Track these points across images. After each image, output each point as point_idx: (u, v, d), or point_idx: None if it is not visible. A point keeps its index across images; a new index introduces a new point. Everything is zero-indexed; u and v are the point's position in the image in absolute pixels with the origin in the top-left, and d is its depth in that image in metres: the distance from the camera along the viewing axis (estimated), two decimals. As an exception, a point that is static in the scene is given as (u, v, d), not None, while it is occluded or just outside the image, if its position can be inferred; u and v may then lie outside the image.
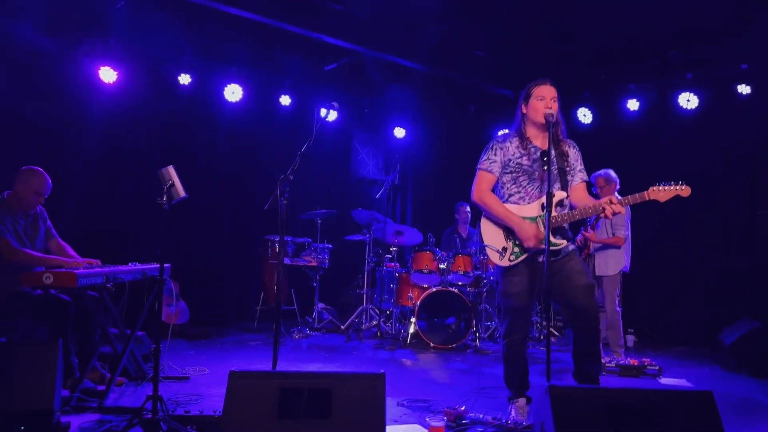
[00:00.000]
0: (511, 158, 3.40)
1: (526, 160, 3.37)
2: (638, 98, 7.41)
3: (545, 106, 3.31)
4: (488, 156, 3.47)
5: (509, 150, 3.42)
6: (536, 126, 3.40)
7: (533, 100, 3.38)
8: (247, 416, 2.41)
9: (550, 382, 2.79)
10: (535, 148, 3.40)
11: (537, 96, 3.36)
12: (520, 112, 3.46)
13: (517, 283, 3.31)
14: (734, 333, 5.72)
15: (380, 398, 2.50)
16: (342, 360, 5.35)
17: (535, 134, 3.43)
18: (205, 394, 3.91)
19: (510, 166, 3.40)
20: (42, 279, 3.29)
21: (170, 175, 3.26)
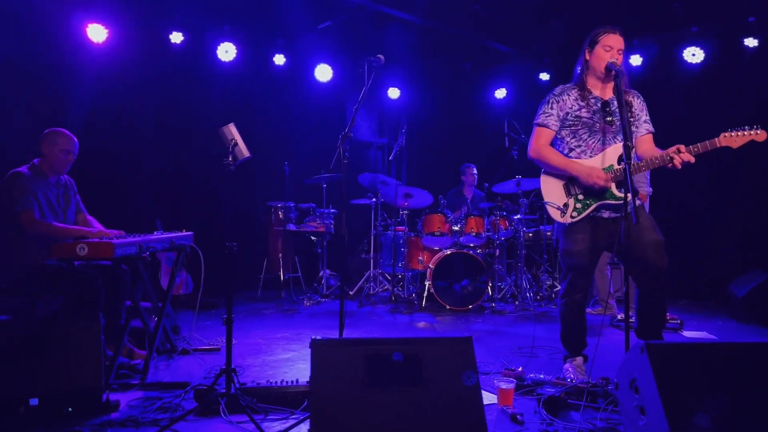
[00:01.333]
0: (570, 111, 3.26)
1: (585, 112, 3.23)
2: (641, 53, 7.33)
3: (611, 56, 3.17)
4: (544, 110, 3.32)
5: (567, 102, 3.27)
6: (598, 76, 3.26)
7: (599, 48, 3.22)
8: (335, 385, 2.26)
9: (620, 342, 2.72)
10: (595, 98, 3.26)
11: (604, 45, 3.21)
12: (583, 59, 3.30)
13: (579, 241, 3.20)
14: (746, 285, 5.80)
15: (471, 362, 2.38)
16: (362, 325, 5.23)
17: (596, 84, 3.29)
18: (244, 365, 3.74)
19: (568, 119, 3.26)
20: (75, 250, 3.04)
21: (232, 133, 3.02)
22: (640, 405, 2.42)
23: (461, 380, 2.34)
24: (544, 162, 3.29)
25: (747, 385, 2.26)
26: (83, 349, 2.85)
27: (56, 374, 2.76)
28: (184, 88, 6.77)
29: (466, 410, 2.28)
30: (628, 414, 2.52)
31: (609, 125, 3.22)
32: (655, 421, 2.27)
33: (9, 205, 3.45)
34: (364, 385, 2.29)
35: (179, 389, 3.22)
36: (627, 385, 2.54)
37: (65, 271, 3.46)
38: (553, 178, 3.30)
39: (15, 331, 2.81)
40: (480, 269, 5.97)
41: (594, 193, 3.18)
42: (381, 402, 2.26)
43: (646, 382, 2.36)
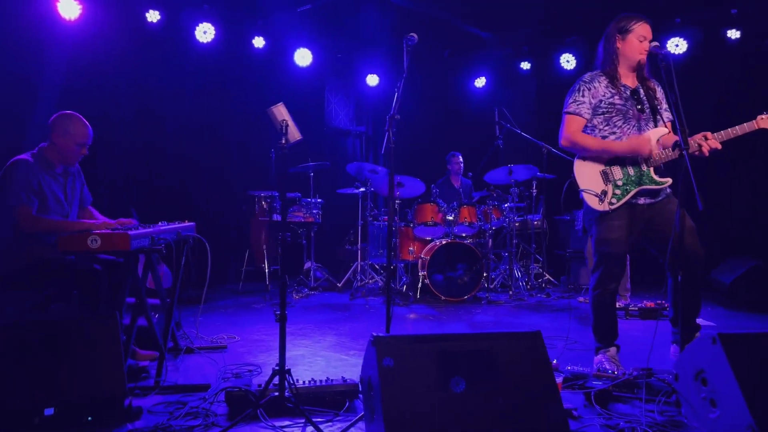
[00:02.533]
0: (602, 99, 3.17)
1: (618, 99, 3.16)
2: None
3: (645, 47, 3.10)
4: (575, 98, 3.23)
5: (599, 90, 3.19)
6: (629, 65, 3.18)
7: (633, 37, 3.14)
8: (406, 383, 2.10)
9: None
10: (624, 87, 3.19)
11: (639, 35, 3.14)
12: (614, 46, 3.21)
13: (616, 228, 3.13)
14: (732, 272, 5.93)
15: (544, 357, 2.26)
16: (363, 318, 5.05)
17: (626, 73, 3.22)
18: (259, 364, 3.51)
19: (601, 107, 3.18)
20: (87, 242, 2.75)
21: (282, 113, 2.78)
22: (710, 397, 2.36)
23: (536, 375, 2.21)
24: (581, 147, 3.20)
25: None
26: (102, 350, 2.58)
27: (73, 379, 2.48)
28: (160, 69, 6.38)
29: (544, 405, 2.16)
30: (693, 406, 2.46)
31: (641, 113, 3.16)
32: (732, 413, 2.21)
33: (7, 195, 3.11)
34: (437, 382, 2.14)
35: (200, 392, 2.98)
36: (691, 377, 2.48)
37: (66, 266, 3.16)
38: (589, 163, 3.21)
39: (25, 333, 2.51)
40: (475, 259, 5.89)
41: (633, 179, 3.12)
42: (455, 399, 2.11)
43: (720, 373, 2.29)
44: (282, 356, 2.58)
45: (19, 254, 3.16)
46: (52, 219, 3.23)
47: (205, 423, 2.55)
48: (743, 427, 2.14)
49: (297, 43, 7.54)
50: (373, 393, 2.19)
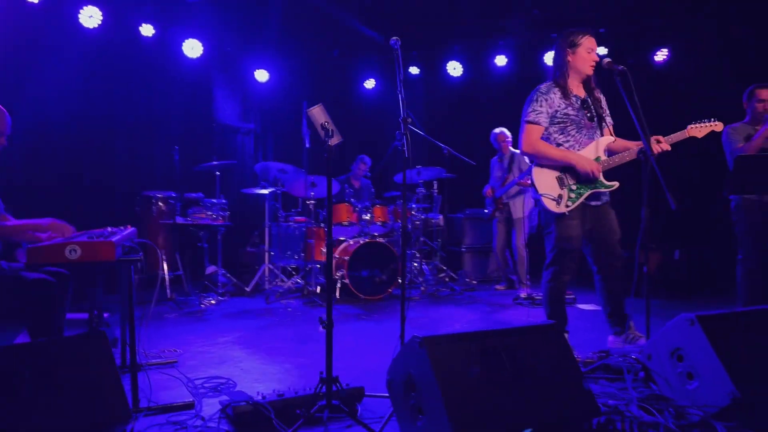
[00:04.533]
0: (558, 109, 3.46)
1: (571, 110, 3.47)
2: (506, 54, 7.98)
3: (593, 59, 3.43)
4: (533, 108, 3.48)
5: (554, 101, 3.47)
6: (579, 76, 3.50)
7: (582, 50, 3.46)
8: (458, 379, 2.16)
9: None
10: (576, 97, 3.51)
11: (587, 47, 3.46)
12: (565, 59, 3.51)
13: (573, 227, 3.44)
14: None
15: (565, 346, 2.45)
16: (297, 323, 4.95)
17: (575, 83, 3.53)
18: (225, 376, 3.32)
19: (557, 116, 3.46)
20: (65, 253, 2.41)
21: (322, 115, 2.64)
22: (687, 371, 2.71)
23: (562, 362, 2.40)
24: (541, 155, 3.45)
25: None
26: (97, 372, 2.30)
27: (71, 407, 2.18)
28: (40, 56, 5.67)
29: (573, 388, 2.34)
30: (668, 381, 2.80)
31: (590, 121, 3.50)
32: (712, 383, 2.57)
33: None
34: (482, 374, 2.23)
35: (186, 410, 2.77)
36: (666, 355, 2.82)
37: (14, 278, 2.74)
38: (546, 170, 3.48)
39: (12, 362, 2.16)
40: (391, 258, 6.03)
41: (585, 183, 3.45)
42: (500, 388, 2.22)
43: (698, 349, 2.65)
44: (329, 364, 2.49)
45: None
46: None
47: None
48: (725, 394, 2.50)
49: (186, 33, 7.12)
50: (422, 392, 2.22)
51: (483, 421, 2.12)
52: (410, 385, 2.30)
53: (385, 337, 4.32)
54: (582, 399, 2.33)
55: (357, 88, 8.93)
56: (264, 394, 2.67)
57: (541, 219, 3.61)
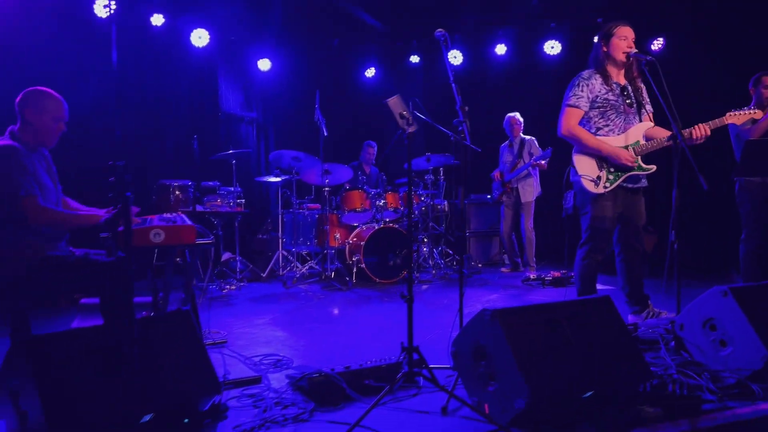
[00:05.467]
0: (598, 94, 3.66)
1: (611, 96, 3.66)
2: (506, 43, 8.17)
3: (627, 45, 3.63)
4: (575, 92, 3.67)
5: (595, 87, 3.66)
6: (616, 63, 3.70)
7: (615, 39, 3.65)
8: (529, 347, 2.36)
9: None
10: (616, 84, 3.71)
11: (620, 36, 3.65)
12: (601, 50, 3.70)
13: (609, 208, 3.65)
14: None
15: (618, 317, 2.66)
16: (321, 306, 5.11)
17: (614, 71, 3.73)
18: (278, 354, 3.47)
19: (598, 101, 3.66)
20: (149, 237, 2.54)
21: (399, 105, 2.79)
22: (720, 339, 2.96)
23: (617, 329, 2.61)
24: (578, 141, 3.66)
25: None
26: (185, 348, 2.45)
27: (165, 381, 2.32)
28: (57, 45, 5.69)
29: (626, 357, 2.56)
30: (701, 348, 3.05)
31: (629, 107, 3.71)
32: (745, 349, 2.81)
33: (8, 187, 2.72)
34: (549, 342, 2.43)
35: (254, 384, 2.92)
36: (699, 325, 3.06)
37: (80, 262, 2.86)
38: (585, 155, 3.69)
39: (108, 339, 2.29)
40: (404, 242, 6.21)
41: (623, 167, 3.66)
42: (565, 355, 2.42)
43: (731, 318, 2.89)
44: (410, 335, 2.66)
45: (23, 254, 2.79)
46: (60, 210, 2.90)
47: (300, 410, 2.54)
48: (758, 359, 2.74)
49: (195, 22, 7.16)
50: (493, 360, 2.41)
51: (553, 384, 2.32)
52: (480, 354, 2.49)
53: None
54: (636, 364, 2.55)
55: (357, 76, 9.04)
56: (332, 366, 2.83)
57: (577, 200, 3.82)
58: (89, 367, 2.19)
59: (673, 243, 3.33)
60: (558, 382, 2.34)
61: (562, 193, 7.46)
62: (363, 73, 8.99)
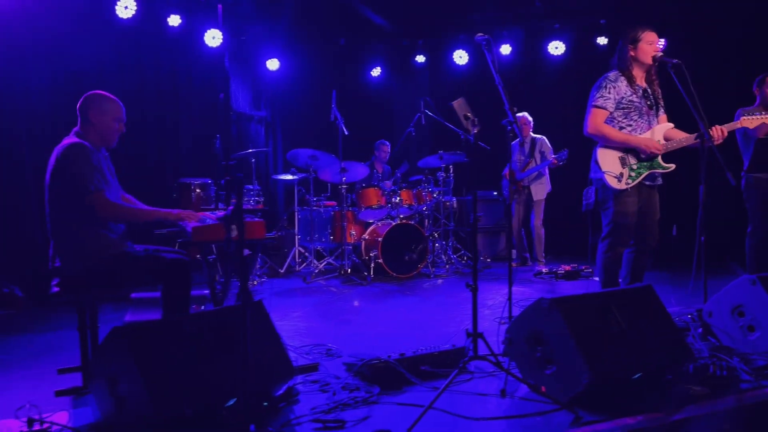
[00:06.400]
0: (624, 96, 3.84)
1: (635, 98, 3.86)
2: (510, 43, 8.36)
3: (654, 50, 3.83)
4: (602, 94, 3.85)
5: (621, 88, 3.85)
6: (642, 66, 3.89)
7: (643, 44, 3.83)
8: (586, 332, 2.54)
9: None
10: (638, 87, 3.90)
11: (647, 41, 3.83)
12: (628, 54, 3.88)
13: (631, 204, 3.85)
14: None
15: (660, 304, 2.86)
16: (347, 299, 5.27)
17: (639, 74, 3.92)
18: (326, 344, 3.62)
19: (623, 103, 3.84)
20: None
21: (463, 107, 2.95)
22: (748, 324, 3.17)
23: (660, 316, 2.81)
24: (604, 137, 3.84)
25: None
26: (263, 335, 2.60)
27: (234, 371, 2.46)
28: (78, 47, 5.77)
29: (670, 341, 2.76)
30: (729, 334, 3.26)
31: (650, 108, 3.91)
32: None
33: (79, 182, 2.85)
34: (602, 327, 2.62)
35: (312, 371, 3.08)
36: (728, 312, 3.27)
37: (154, 259, 2.99)
38: (610, 150, 3.87)
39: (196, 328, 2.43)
40: (421, 238, 6.38)
41: (645, 164, 3.85)
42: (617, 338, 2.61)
43: (760, 305, 3.10)
44: (475, 322, 2.82)
45: (96, 249, 2.92)
46: (129, 206, 3.03)
47: (367, 393, 2.70)
48: (786, 341, 2.96)
49: (208, 23, 7.26)
50: (551, 344, 2.59)
51: (608, 366, 2.51)
52: (536, 340, 2.67)
53: (435, 309, 4.71)
54: (679, 347, 2.75)
55: (364, 75, 9.17)
56: (388, 354, 2.99)
57: (599, 195, 4.01)
58: (182, 353, 2.33)
59: (701, 237, 3.54)
60: (612, 363, 2.53)
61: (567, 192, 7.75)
62: (369, 72, 9.13)
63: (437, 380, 2.87)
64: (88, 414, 2.59)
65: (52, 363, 3.31)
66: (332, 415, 2.50)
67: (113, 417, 2.30)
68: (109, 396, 2.32)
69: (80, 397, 2.83)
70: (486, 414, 2.49)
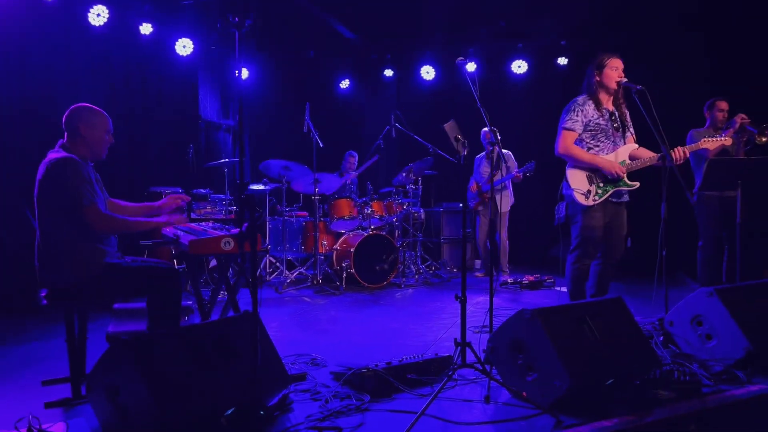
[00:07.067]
0: (591, 119, 4.09)
1: (602, 120, 4.11)
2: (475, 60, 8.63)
3: (618, 75, 4.09)
4: (571, 117, 4.09)
5: (588, 111, 4.10)
6: (607, 91, 4.15)
7: (608, 69, 4.09)
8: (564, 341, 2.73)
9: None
10: (605, 110, 4.16)
11: (612, 66, 4.09)
12: (594, 79, 4.13)
13: (597, 218, 4.09)
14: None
15: (629, 314, 3.08)
16: (323, 310, 5.36)
17: (605, 97, 4.18)
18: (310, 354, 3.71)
19: (590, 126, 4.09)
20: (221, 245, 2.76)
21: (454, 129, 3.08)
22: (706, 333, 3.43)
23: (629, 325, 3.03)
24: (573, 158, 4.08)
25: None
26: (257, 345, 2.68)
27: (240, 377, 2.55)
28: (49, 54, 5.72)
29: (639, 348, 2.98)
30: (689, 342, 3.52)
31: (616, 131, 4.17)
32: (729, 341, 3.28)
33: (71, 197, 2.88)
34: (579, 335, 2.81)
35: (300, 381, 3.17)
36: (688, 321, 3.53)
37: (143, 269, 3.04)
38: (578, 170, 4.12)
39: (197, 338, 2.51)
40: (392, 249, 6.53)
41: (610, 182, 4.11)
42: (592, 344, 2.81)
43: (716, 315, 3.36)
44: (463, 332, 2.96)
45: (88, 260, 2.95)
46: (122, 218, 3.07)
47: (358, 401, 2.82)
48: (740, 349, 3.22)
49: (179, 32, 7.26)
50: (531, 352, 2.77)
51: (585, 372, 2.70)
52: (518, 348, 2.85)
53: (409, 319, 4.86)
54: (647, 354, 2.98)
55: (333, 87, 9.30)
56: (375, 362, 3.12)
57: (568, 210, 4.25)
58: (185, 363, 2.41)
59: (662, 251, 3.81)
60: (588, 370, 2.73)
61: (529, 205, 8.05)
62: (338, 84, 9.26)
63: (423, 387, 3.01)
64: (83, 425, 2.62)
65: (36, 375, 3.30)
66: (327, 422, 2.60)
67: (116, 427, 2.35)
68: (110, 406, 2.36)
69: (71, 409, 2.85)
70: (473, 419, 2.64)
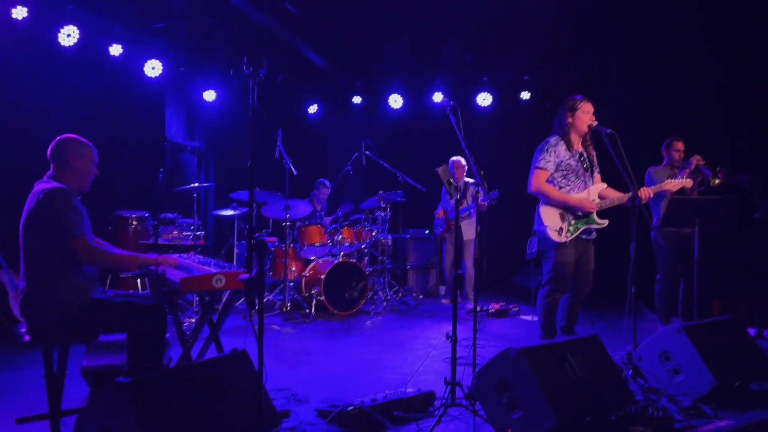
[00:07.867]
0: (563, 159, 4.27)
1: (573, 161, 4.29)
2: (442, 91, 8.83)
3: (589, 119, 4.29)
4: (543, 156, 4.26)
5: (560, 152, 4.28)
6: (578, 133, 4.34)
7: (580, 113, 4.29)
8: (548, 380, 2.83)
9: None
10: (575, 151, 4.35)
11: (584, 110, 4.29)
12: (567, 121, 4.32)
13: (569, 255, 4.25)
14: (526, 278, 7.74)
15: (604, 352, 3.22)
16: (296, 339, 5.34)
17: (576, 139, 4.37)
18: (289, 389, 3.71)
19: (561, 166, 4.27)
20: (212, 283, 2.76)
21: (447, 173, 3.17)
22: (674, 368, 3.60)
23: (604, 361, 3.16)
24: (546, 196, 4.25)
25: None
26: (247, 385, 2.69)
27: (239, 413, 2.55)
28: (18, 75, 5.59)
29: (615, 385, 3.11)
30: (657, 376, 3.68)
31: (585, 170, 4.36)
32: (695, 376, 3.46)
33: (62, 227, 2.83)
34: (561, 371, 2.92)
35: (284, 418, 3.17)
36: (656, 356, 3.70)
37: (127, 305, 3.00)
38: (551, 207, 4.28)
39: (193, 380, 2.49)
40: (361, 276, 6.56)
41: (582, 218, 4.28)
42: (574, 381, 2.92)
43: (683, 351, 3.54)
44: (453, 372, 3.02)
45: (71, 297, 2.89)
46: (110, 251, 3.03)
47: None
48: (706, 383, 3.40)
49: (149, 54, 7.19)
50: (517, 390, 2.86)
51: (568, 410, 2.81)
52: (503, 386, 2.93)
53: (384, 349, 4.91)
54: (622, 390, 3.11)
55: (301, 112, 9.32)
56: (361, 399, 3.15)
57: (541, 246, 4.40)
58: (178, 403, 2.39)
59: (632, 288, 3.99)
60: (570, 407, 2.83)
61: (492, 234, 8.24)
62: (306, 109, 9.30)
63: (409, 424, 3.07)
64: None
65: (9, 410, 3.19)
66: (320, 462, 2.62)
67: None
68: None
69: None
70: (462, 457, 2.71)
